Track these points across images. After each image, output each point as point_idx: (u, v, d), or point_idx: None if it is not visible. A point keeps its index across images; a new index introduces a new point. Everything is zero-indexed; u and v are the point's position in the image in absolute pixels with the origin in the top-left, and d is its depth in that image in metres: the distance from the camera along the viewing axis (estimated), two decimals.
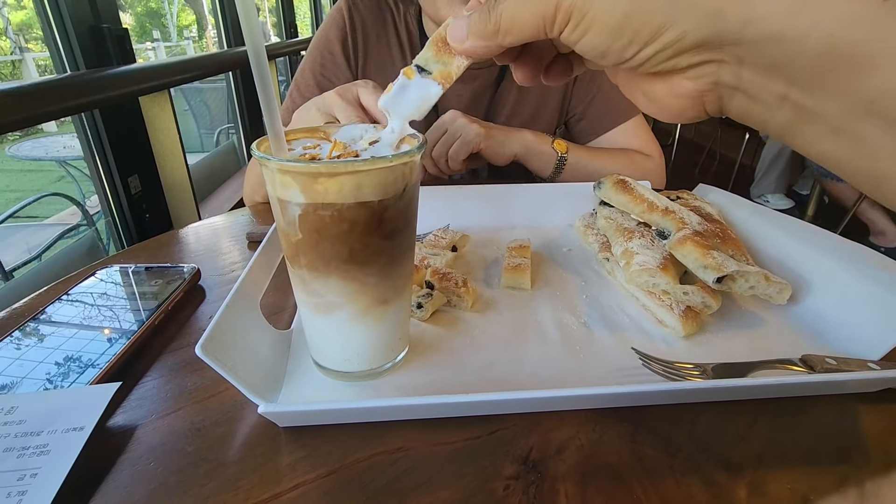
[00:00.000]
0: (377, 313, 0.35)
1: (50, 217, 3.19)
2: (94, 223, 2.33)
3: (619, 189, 0.54)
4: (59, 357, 0.38)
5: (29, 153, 2.72)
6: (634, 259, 0.46)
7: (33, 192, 2.36)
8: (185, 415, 0.35)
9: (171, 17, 6.99)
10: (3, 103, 0.63)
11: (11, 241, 2.13)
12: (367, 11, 0.86)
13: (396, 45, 0.87)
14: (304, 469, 0.31)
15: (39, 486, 0.27)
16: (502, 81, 0.88)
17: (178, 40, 6.56)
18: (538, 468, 0.31)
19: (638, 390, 0.34)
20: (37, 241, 2.12)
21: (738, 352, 0.41)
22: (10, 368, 0.37)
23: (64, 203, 3.03)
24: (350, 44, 0.85)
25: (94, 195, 3.01)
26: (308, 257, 0.32)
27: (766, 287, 0.43)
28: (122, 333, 0.40)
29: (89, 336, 0.40)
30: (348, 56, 0.86)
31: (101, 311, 0.44)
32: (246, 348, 0.36)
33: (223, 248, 0.62)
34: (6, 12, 5.81)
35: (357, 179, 0.30)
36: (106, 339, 0.40)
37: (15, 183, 4.51)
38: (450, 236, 0.56)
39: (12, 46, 5.89)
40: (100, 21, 1.00)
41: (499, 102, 0.89)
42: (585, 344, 0.42)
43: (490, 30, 0.27)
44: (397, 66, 0.86)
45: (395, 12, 0.87)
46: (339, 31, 0.85)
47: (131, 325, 0.42)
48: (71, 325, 0.42)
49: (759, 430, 0.34)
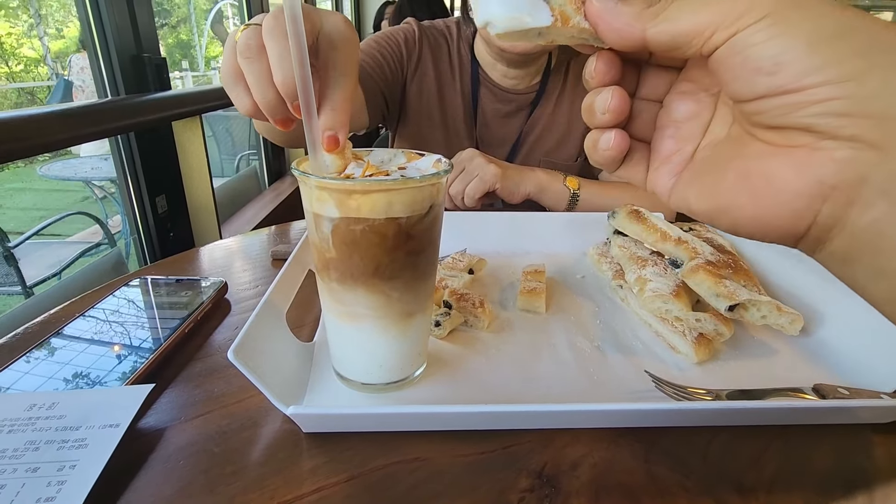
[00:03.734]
0: (401, 327, 0.36)
1: (72, 235, 3.28)
2: (114, 242, 2.39)
3: (633, 219, 0.56)
4: (95, 359, 0.40)
5: (59, 173, 2.83)
6: (648, 286, 0.47)
7: (57, 211, 2.44)
8: (212, 418, 0.36)
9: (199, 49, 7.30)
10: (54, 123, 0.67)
11: (36, 257, 2.19)
12: (430, 35, 0.95)
13: (449, 69, 0.95)
14: (326, 473, 0.32)
15: (78, 478, 0.28)
16: (536, 108, 0.94)
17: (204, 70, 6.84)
18: (552, 483, 0.32)
19: (654, 408, 0.35)
20: (59, 257, 2.18)
21: (751, 380, 0.42)
22: (49, 368, 0.39)
23: (87, 222, 3.11)
24: (414, 51, 0.93)
25: (116, 215, 3.10)
26: (338, 269, 0.34)
27: (777, 317, 0.44)
28: (155, 340, 0.42)
29: (124, 341, 0.42)
30: (410, 55, 0.92)
31: (134, 319, 0.46)
32: (272, 357, 0.38)
33: (247, 264, 0.64)
34: (47, 41, 6.14)
35: (388, 197, 0.32)
36: (139, 344, 0.42)
37: (41, 202, 4.65)
38: (467, 260, 0.57)
39: (50, 73, 6.20)
40: (141, 51, 1.06)
41: (531, 126, 0.95)
42: (599, 366, 0.43)
43: (649, 13, 0.22)
44: (448, 88, 0.93)
45: (449, 39, 0.95)
46: (408, 35, 0.93)
47: (163, 332, 0.44)
48: (106, 331, 0.44)
49: (772, 456, 0.34)
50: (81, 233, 3.42)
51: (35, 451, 0.30)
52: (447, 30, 0.96)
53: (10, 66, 6.00)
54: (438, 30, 0.96)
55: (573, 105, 0.96)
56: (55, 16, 6.59)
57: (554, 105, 0.95)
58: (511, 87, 0.93)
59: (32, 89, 6.49)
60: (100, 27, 0.97)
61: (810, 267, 0.52)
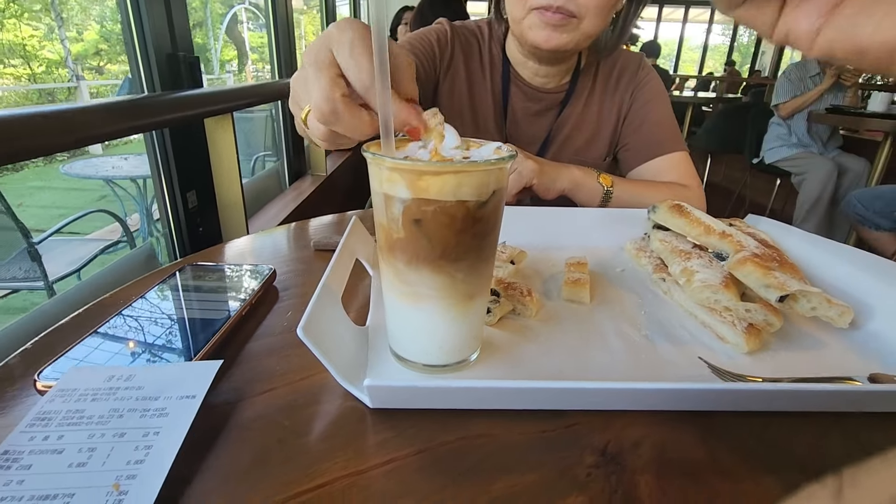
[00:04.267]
0: (462, 308, 0.37)
1: (91, 233, 3.33)
2: (133, 240, 2.43)
3: (675, 213, 0.57)
4: (159, 337, 0.41)
5: (81, 171, 2.87)
6: (695, 276, 0.48)
7: (76, 210, 2.48)
8: (278, 394, 0.37)
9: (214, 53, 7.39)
10: (101, 117, 0.69)
11: (56, 254, 2.23)
12: (462, 35, 0.96)
13: (479, 68, 0.96)
14: (395, 447, 0.33)
15: (163, 443, 0.30)
16: (566, 107, 0.95)
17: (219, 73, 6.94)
18: (616, 460, 0.32)
19: (722, 388, 0.35)
20: (79, 254, 2.22)
21: (802, 370, 0.42)
22: (115, 345, 0.40)
23: (105, 220, 3.16)
24: (447, 51, 0.94)
25: (135, 213, 3.15)
26: (405, 250, 0.35)
27: (828, 308, 0.45)
28: (215, 320, 0.44)
29: (185, 321, 0.44)
30: (443, 55, 0.94)
31: (193, 301, 0.47)
32: (334, 337, 0.39)
33: (287, 255, 0.65)
34: (67, 44, 6.26)
35: (458, 179, 0.33)
36: (201, 324, 0.43)
37: (60, 200, 4.73)
38: (508, 251, 0.58)
39: (70, 74, 6.32)
40: (176, 49, 1.09)
41: (560, 125, 0.96)
42: (650, 354, 0.43)
43: None
44: (479, 86, 0.94)
45: (481, 41, 0.96)
46: (440, 35, 0.94)
47: (221, 314, 0.45)
48: (167, 312, 0.45)
49: (832, 442, 0.35)
50: (100, 231, 3.47)
51: (120, 418, 0.31)
52: (479, 30, 0.97)
53: (32, 67, 6.12)
54: (470, 30, 0.97)
55: (602, 105, 0.97)
56: (74, 19, 6.72)
57: (583, 105, 0.97)
58: (541, 86, 0.94)
59: (52, 90, 6.62)
60: (139, 25, 1.00)
61: (856, 261, 0.52)
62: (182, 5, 1.12)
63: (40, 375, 0.35)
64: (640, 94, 0.96)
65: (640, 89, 0.96)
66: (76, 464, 0.28)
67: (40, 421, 0.30)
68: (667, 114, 0.95)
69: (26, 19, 5.87)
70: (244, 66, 6.59)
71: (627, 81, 0.96)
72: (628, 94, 0.96)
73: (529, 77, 0.94)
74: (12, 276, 1.91)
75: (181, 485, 0.29)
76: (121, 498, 0.26)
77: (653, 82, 0.96)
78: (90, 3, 6.40)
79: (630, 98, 0.96)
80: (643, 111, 0.94)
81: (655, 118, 0.94)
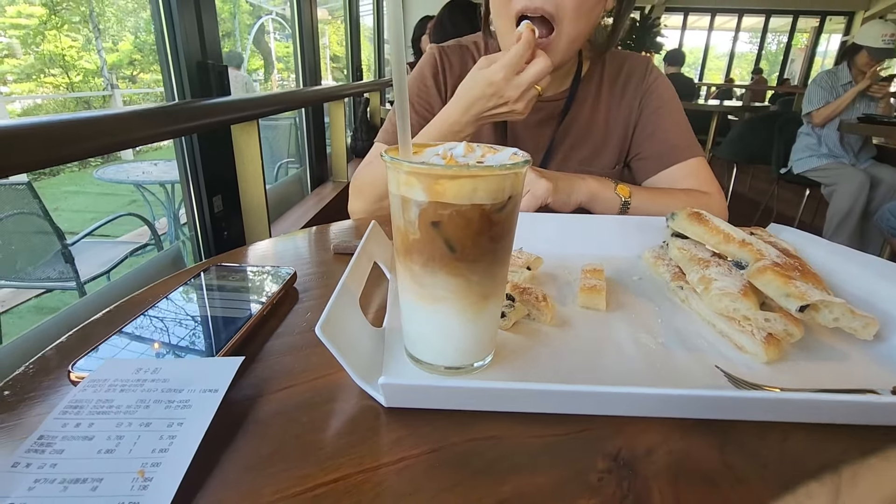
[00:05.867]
0: (477, 310, 0.38)
1: (121, 236, 3.44)
2: (161, 243, 2.50)
3: (693, 220, 0.56)
4: (185, 334, 0.43)
5: (113, 176, 2.98)
6: (713, 284, 0.47)
7: (107, 213, 2.56)
8: (296, 392, 0.38)
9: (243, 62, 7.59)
10: (133, 122, 0.72)
11: (88, 256, 2.31)
12: (453, 56, 0.97)
13: None
14: (409, 445, 0.33)
15: (186, 433, 0.31)
16: (567, 115, 0.94)
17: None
18: (629, 466, 0.32)
19: (738, 395, 0.35)
20: (109, 256, 2.29)
21: (822, 381, 0.41)
22: (143, 342, 0.42)
23: (134, 223, 3.26)
24: (441, 79, 0.95)
25: (162, 217, 3.24)
26: (422, 252, 0.36)
27: (851, 320, 0.44)
28: (238, 319, 0.45)
29: (209, 319, 0.45)
30: (440, 88, 0.95)
31: (217, 300, 0.49)
32: (351, 338, 0.40)
33: (308, 258, 0.67)
34: (104, 54, 6.51)
35: (474, 183, 0.34)
36: (224, 322, 0.45)
37: (92, 204, 4.91)
38: (525, 257, 0.58)
39: (105, 83, 6.57)
40: (206, 57, 1.13)
41: (562, 134, 0.95)
42: (665, 362, 0.43)
43: None
44: None
45: (476, 56, 0.96)
46: (432, 68, 0.95)
47: (244, 312, 0.46)
48: (191, 310, 0.47)
49: (851, 456, 0.34)
50: (129, 234, 3.58)
51: (146, 408, 0.32)
52: (474, 45, 0.98)
53: (70, 76, 6.39)
54: (463, 46, 0.98)
55: (609, 113, 0.95)
56: (111, 31, 6.99)
57: (589, 112, 0.95)
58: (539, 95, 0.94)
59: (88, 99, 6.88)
60: (171, 35, 1.04)
61: (882, 272, 0.51)
62: (213, 15, 1.16)
63: (74, 367, 0.37)
64: (650, 100, 0.94)
65: (649, 95, 0.94)
66: (105, 450, 0.29)
67: (73, 409, 0.32)
68: (680, 118, 0.93)
69: (66, 31, 6.13)
70: (270, 76, 6.75)
71: (635, 87, 0.94)
72: (637, 101, 0.94)
73: None
74: (47, 276, 1.98)
75: (203, 474, 0.30)
76: (146, 484, 0.27)
77: (662, 87, 0.94)
78: (126, 15, 6.66)
79: (639, 105, 0.94)
80: (655, 117, 0.92)
81: (668, 124, 0.92)
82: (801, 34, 10.42)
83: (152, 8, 1.02)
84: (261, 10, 7.03)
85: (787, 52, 10.28)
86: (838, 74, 3.01)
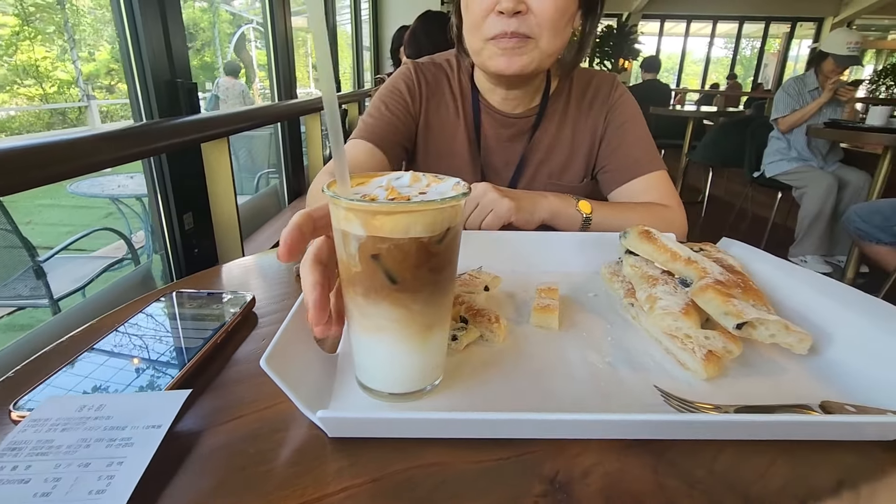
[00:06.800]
0: (421, 339, 0.39)
1: (96, 250, 3.38)
2: (138, 258, 2.46)
3: (643, 239, 0.58)
4: (135, 367, 0.43)
5: (87, 190, 2.93)
6: (658, 303, 0.49)
7: (83, 227, 2.51)
8: (244, 422, 0.39)
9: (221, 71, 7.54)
10: (99, 146, 0.72)
11: (62, 272, 2.26)
12: (428, 72, 0.99)
13: (451, 100, 0.99)
14: (351, 475, 0.34)
15: (125, 473, 0.31)
16: (537, 131, 0.97)
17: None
18: (565, 489, 0.33)
19: (663, 419, 0.36)
20: (84, 272, 2.25)
21: (759, 396, 0.43)
22: (94, 374, 0.42)
23: (110, 238, 3.21)
24: (416, 92, 0.97)
25: (140, 231, 3.19)
26: (363, 283, 0.37)
27: (786, 335, 0.46)
28: (189, 349, 0.45)
29: (161, 350, 0.45)
30: (413, 98, 0.97)
31: (170, 330, 0.49)
32: (299, 367, 0.40)
33: (271, 281, 0.67)
34: (79, 64, 6.43)
35: (409, 218, 0.35)
36: (175, 353, 0.45)
37: (67, 218, 4.82)
38: (483, 276, 0.60)
39: (81, 94, 6.47)
40: (175, 76, 1.13)
41: (532, 149, 0.98)
42: (610, 382, 0.45)
43: None
44: (452, 118, 0.97)
45: (449, 74, 0.99)
46: (406, 80, 0.97)
47: (196, 342, 0.46)
48: (144, 341, 0.47)
49: (778, 471, 0.36)
50: (105, 248, 3.51)
51: (87, 448, 0.33)
52: (447, 63, 1.00)
53: (45, 87, 6.28)
54: (437, 64, 1.00)
55: (576, 128, 0.98)
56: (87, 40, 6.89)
57: (556, 128, 0.98)
58: (510, 112, 0.96)
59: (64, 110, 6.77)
60: (137, 54, 1.03)
61: (820, 288, 0.53)
62: (180, 33, 1.16)
63: (15, 406, 0.37)
64: (615, 116, 0.97)
65: (614, 111, 0.97)
66: (41, 493, 0.29)
67: (10, 451, 0.32)
68: (643, 134, 0.96)
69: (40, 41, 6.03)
70: (251, 84, 6.72)
71: (601, 103, 0.98)
72: (602, 117, 0.98)
73: (498, 104, 0.96)
74: (17, 293, 1.94)
75: None
76: None
77: (627, 103, 0.98)
78: (103, 25, 6.57)
79: (605, 120, 0.98)
80: (619, 132, 0.96)
81: (632, 139, 0.95)
82: (774, 39, 10.71)
83: (117, 27, 1.02)
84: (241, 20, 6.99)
85: (761, 56, 10.54)
86: (805, 81, 3.11)
